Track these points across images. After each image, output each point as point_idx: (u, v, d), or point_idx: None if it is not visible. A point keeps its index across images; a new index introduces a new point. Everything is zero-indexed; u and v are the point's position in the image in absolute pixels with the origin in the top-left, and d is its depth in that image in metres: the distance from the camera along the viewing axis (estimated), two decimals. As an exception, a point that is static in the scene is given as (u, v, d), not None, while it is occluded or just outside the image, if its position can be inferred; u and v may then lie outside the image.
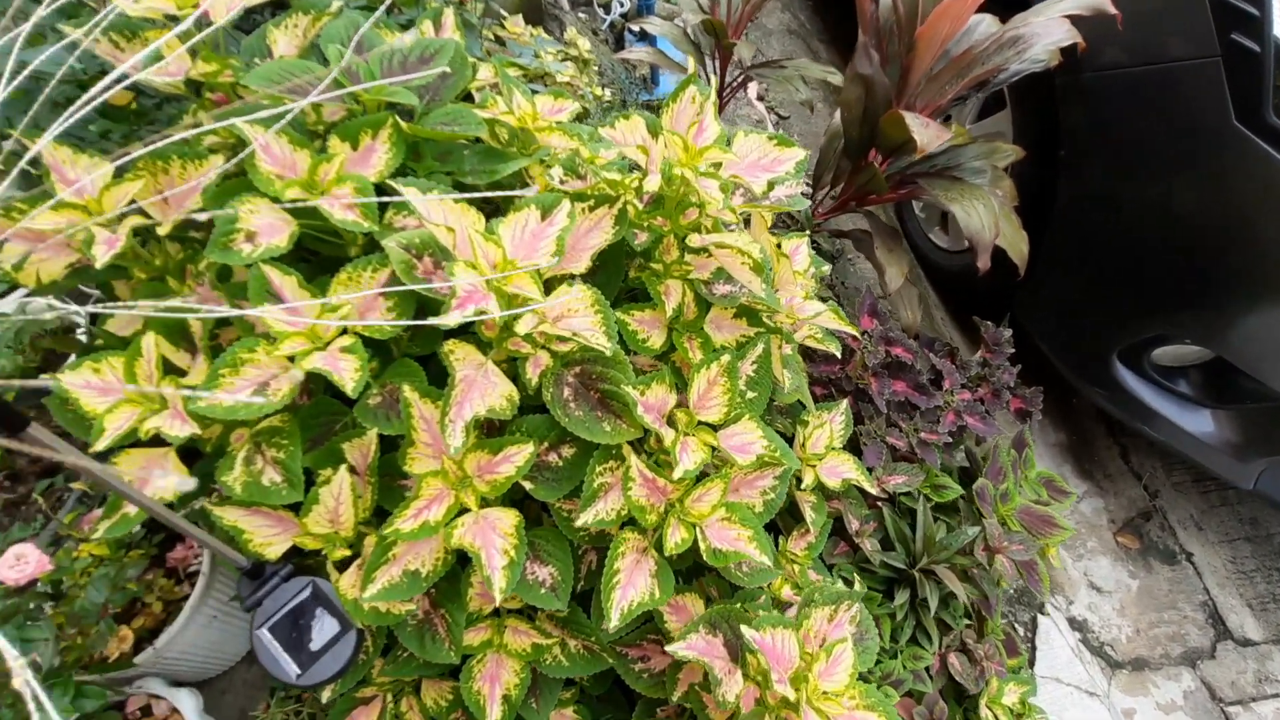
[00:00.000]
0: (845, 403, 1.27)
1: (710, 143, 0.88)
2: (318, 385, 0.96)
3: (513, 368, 0.87)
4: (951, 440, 1.30)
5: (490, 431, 0.94)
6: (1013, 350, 1.47)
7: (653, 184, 0.84)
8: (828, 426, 1.23)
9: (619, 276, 0.98)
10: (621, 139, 0.83)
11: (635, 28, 2.72)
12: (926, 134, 1.17)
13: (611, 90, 2.26)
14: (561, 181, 0.91)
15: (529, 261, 0.82)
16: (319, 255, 0.97)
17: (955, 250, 2.23)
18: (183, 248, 0.98)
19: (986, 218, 1.31)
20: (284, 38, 1.07)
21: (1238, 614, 1.82)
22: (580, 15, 2.60)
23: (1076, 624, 1.75)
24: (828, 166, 1.75)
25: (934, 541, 1.18)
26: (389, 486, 0.91)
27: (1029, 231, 1.45)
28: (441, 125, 1.00)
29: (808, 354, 1.43)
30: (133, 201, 0.88)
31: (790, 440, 1.21)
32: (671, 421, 0.91)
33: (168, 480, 0.83)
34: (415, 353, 0.95)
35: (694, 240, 0.87)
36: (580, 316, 0.80)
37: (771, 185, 0.90)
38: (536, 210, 0.84)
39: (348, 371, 0.81)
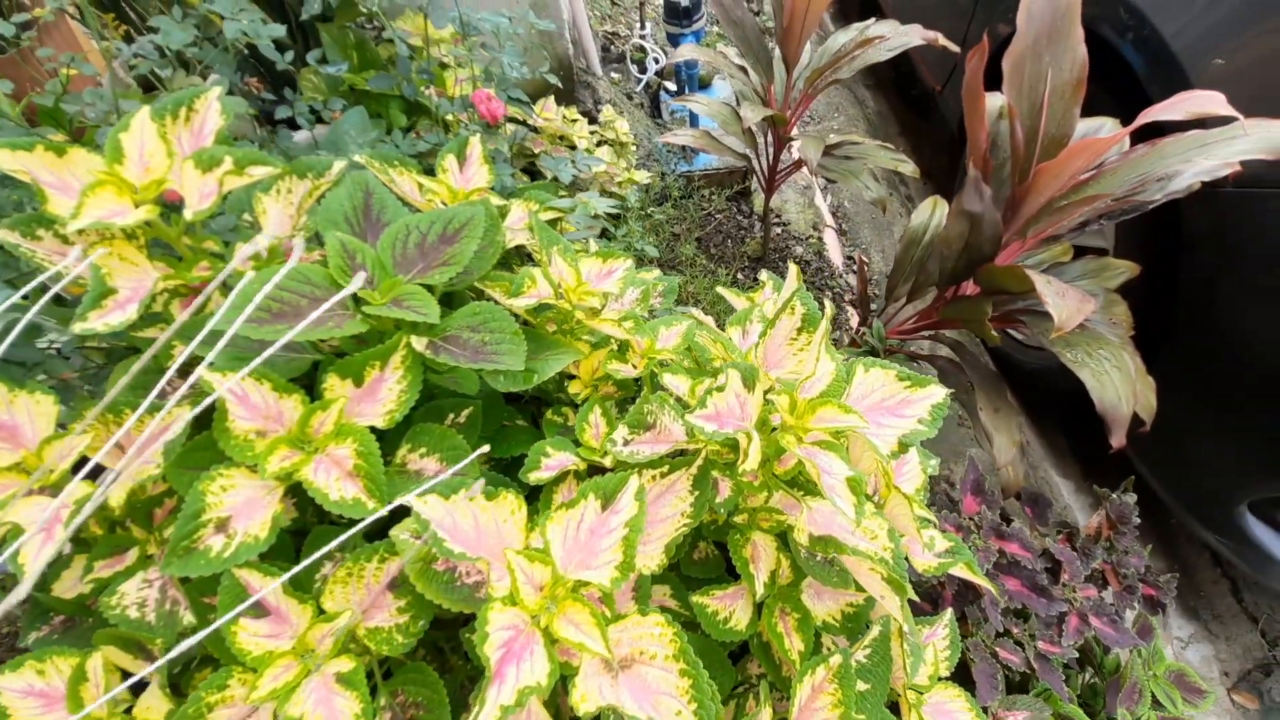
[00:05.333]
0: (949, 614, 1.05)
1: (824, 392, 0.67)
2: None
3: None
4: (1079, 655, 1.08)
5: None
6: (1139, 522, 1.24)
7: (753, 463, 0.62)
8: (931, 648, 1.01)
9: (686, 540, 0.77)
10: (714, 416, 0.62)
11: (672, 86, 2.50)
12: (1065, 308, 0.94)
13: (649, 168, 2.04)
14: (625, 442, 0.70)
15: (585, 573, 0.62)
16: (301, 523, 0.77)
17: (1034, 345, 1.98)
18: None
19: (1124, 387, 1.08)
20: (275, 207, 0.88)
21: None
22: (613, 75, 2.39)
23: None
24: (903, 276, 1.52)
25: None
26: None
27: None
28: (468, 331, 0.80)
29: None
30: (81, 459, 0.69)
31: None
32: (765, 746, 0.70)
33: None
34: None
35: (799, 537, 0.65)
36: (658, 667, 0.59)
37: (904, 446, 0.68)
38: (596, 501, 0.63)
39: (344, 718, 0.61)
